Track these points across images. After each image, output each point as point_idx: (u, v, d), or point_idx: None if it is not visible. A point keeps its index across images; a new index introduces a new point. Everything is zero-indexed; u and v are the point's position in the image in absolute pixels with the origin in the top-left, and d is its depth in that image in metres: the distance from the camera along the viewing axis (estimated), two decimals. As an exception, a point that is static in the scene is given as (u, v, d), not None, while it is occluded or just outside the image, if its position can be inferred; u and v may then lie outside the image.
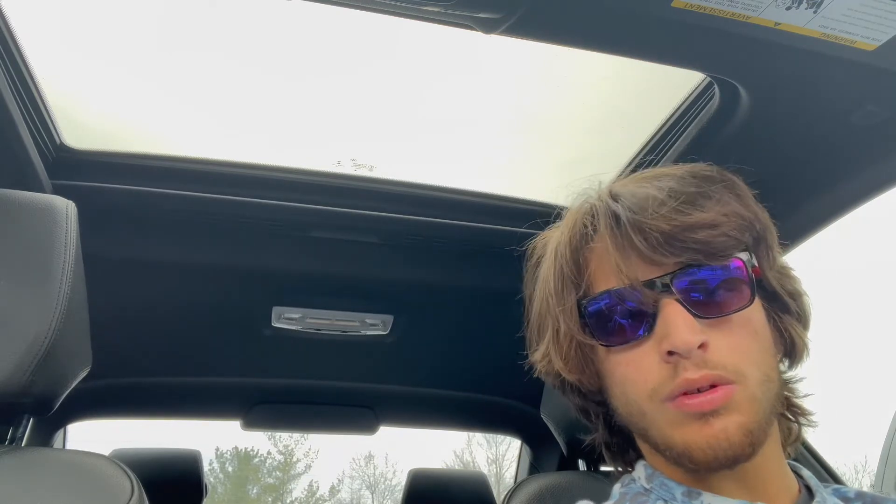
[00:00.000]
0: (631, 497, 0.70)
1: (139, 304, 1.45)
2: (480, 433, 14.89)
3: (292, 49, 1.20)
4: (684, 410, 0.61)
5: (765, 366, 0.63)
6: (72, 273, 0.80)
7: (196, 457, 1.80)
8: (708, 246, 0.62)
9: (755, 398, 0.61)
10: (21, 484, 0.71)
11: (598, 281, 0.67)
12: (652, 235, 0.62)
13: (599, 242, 0.67)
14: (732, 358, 0.62)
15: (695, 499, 0.66)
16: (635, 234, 0.63)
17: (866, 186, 1.03)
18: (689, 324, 0.61)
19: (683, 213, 0.63)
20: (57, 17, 1.11)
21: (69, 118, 1.19)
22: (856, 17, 0.72)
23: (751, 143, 0.97)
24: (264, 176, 1.29)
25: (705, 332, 0.61)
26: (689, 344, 0.60)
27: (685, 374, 0.60)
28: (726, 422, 0.60)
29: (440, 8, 0.73)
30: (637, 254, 0.63)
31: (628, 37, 0.79)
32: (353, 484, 22.83)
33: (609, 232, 0.65)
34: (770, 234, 0.68)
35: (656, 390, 0.62)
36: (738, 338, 0.63)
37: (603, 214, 0.66)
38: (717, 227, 0.63)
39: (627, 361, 0.65)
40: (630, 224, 0.64)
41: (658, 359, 0.62)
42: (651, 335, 0.63)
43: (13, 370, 0.74)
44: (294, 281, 1.44)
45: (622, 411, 0.68)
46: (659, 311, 0.63)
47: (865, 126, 0.91)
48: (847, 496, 0.71)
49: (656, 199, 0.64)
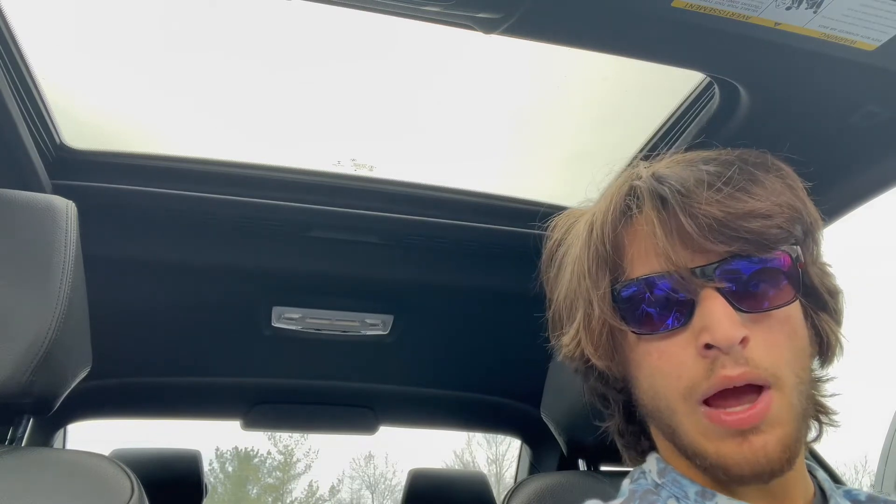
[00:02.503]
0: (640, 495, 0.68)
1: (139, 304, 1.45)
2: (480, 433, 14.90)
3: (292, 49, 1.20)
4: (721, 427, 0.58)
5: (798, 367, 0.61)
6: (72, 273, 0.80)
7: (196, 457, 1.80)
8: (761, 237, 0.59)
9: (791, 406, 0.59)
10: (21, 484, 0.71)
11: (637, 264, 0.64)
12: (703, 220, 0.59)
13: (642, 224, 0.63)
14: (770, 357, 0.59)
15: (709, 499, 0.63)
16: (685, 217, 0.59)
17: (866, 186, 1.03)
18: (731, 317, 0.58)
19: (737, 200, 0.59)
20: (57, 17, 1.11)
21: (69, 118, 1.19)
22: (856, 17, 0.72)
23: (751, 143, 0.96)
24: (264, 176, 1.29)
25: (747, 327, 0.58)
26: (731, 339, 0.57)
27: (723, 371, 0.57)
28: (766, 438, 0.57)
29: (440, 8, 0.73)
30: (684, 239, 0.60)
31: (628, 37, 0.79)
32: (353, 484, 22.86)
33: (656, 213, 0.61)
34: (817, 229, 0.66)
35: (691, 389, 0.59)
36: (777, 336, 0.60)
37: (648, 195, 0.63)
38: (772, 218, 0.59)
39: (660, 352, 0.62)
40: (679, 207, 0.60)
41: (694, 353, 0.59)
42: (688, 326, 0.60)
43: (13, 370, 0.74)
44: (294, 281, 1.44)
45: (649, 405, 0.65)
46: (699, 302, 0.59)
47: (865, 126, 0.91)
48: (858, 499, 0.70)
49: (704, 182, 0.61)
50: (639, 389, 0.66)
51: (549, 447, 1.85)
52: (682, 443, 0.62)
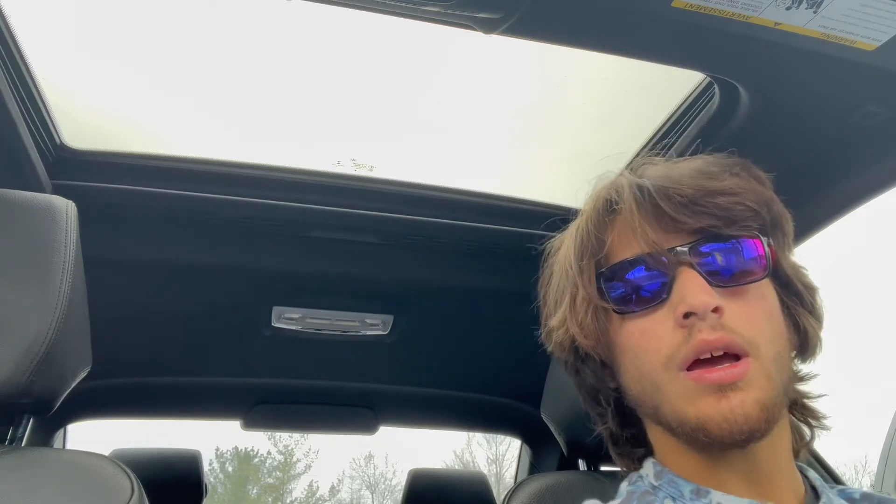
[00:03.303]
0: (638, 496, 0.70)
1: (139, 304, 1.45)
2: (480, 433, 14.90)
3: (292, 49, 1.20)
4: (701, 383, 0.60)
5: (778, 344, 0.63)
6: (72, 273, 0.80)
7: (196, 457, 1.80)
8: (728, 212, 0.64)
9: (770, 375, 0.61)
10: (21, 484, 0.71)
11: (618, 249, 0.68)
12: (676, 198, 0.64)
13: (623, 213, 0.68)
14: (747, 327, 0.62)
15: (703, 497, 0.65)
16: (661, 198, 0.65)
17: (866, 186, 1.03)
18: (703, 287, 0.62)
19: (706, 179, 0.65)
20: (57, 17, 1.11)
21: (69, 118, 1.19)
22: (856, 17, 0.72)
23: (751, 142, 0.97)
24: (264, 176, 1.29)
25: (721, 300, 0.62)
26: (705, 304, 0.60)
27: (700, 335, 0.61)
28: (743, 396, 0.59)
29: (440, 8, 0.73)
30: (659, 219, 0.65)
31: (628, 37, 0.79)
32: (353, 484, 22.85)
33: (633, 199, 0.66)
34: (786, 222, 0.70)
35: (671, 357, 0.62)
36: (752, 310, 0.63)
37: (628, 186, 0.68)
38: (737, 195, 0.64)
39: (641, 331, 0.65)
40: (656, 190, 0.65)
41: (672, 325, 0.62)
42: (666, 302, 0.64)
43: (13, 370, 0.74)
44: (294, 281, 1.44)
45: (635, 388, 0.68)
46: (675, 278, 0.63)
47: (865, 126, 0.91)
48: (853, 497, 0.71)
49: (681, 173, 0.67)
50: (625, 375, 0.69)
51: (549, 447, 1.85)
52: (665, 415, 0.64)
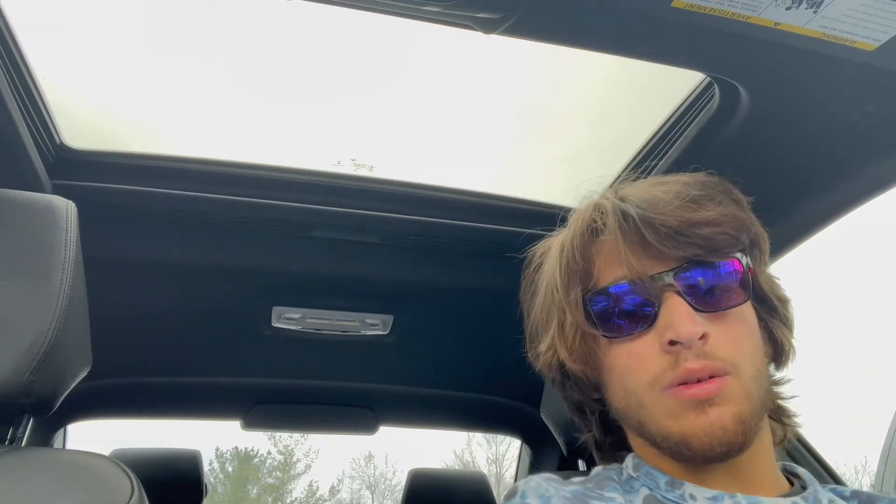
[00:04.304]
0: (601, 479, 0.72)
1: (139, 304, 1.45)
2: (480, 433, 14.90)
3: (292, 49, 1.20)
4: (682, 399, 0.63)
5: (757, 361, 0.67)
6: (72, 273, 0.80)
7: (196, 457, 1.80)
8: (711, 242, 0.66)
9: (748, 391, 0.64)
10: (21, 484, 0.71)
11: (604, 275, 0.70)
12: (661, 229, 0.66)
13: (608, 237, 0.70)
14: (729, 351, 0.64)
15: (677, 488, 0.68)
16: (645, 228, 0.66)
17: (866, 186, 1.03)
18: (691, 315, 0.64)
19: (690, 211, 0.67)
20: (57, 17, 1.11)
21: (69, 118, 1.19)
22: (856, 17, 0.72)
23: (751, 142, 0.97)
24: (264, 176, 1.29)
25: (705, 325, 0.64)
26: (692, 334, 0.63)
27: (686, 364, 0.63)
28: (721, 411, 0.62)
29: (440, 8, 0.73)
30: (645, 248, 0.67)
31: (628, 37, 0.79)
32: (353, 484, 22.85)
33: (618, 227, 0.68)
34: (763, 241, 0.72)
35: (657, 379, 0.65)
36: (734, 332, 0.66)
37: (612, 211, 0.69)
38: (720, 226, 0.66)
39: (629, 353, 0.68)
40: (640, 219, 0.67)
41: (658, 350, 0.65)
42: (653, 327, 0.66)
43: (13, 370, 0.74)
44: (294, 281, 1.44)
45: (620, 405, 0.70)
46: (662, 305, 0.66)
47: (865, 126, 0.91)
48: (843, 495, 0.73)
49: (663, 199, 0.68)
50: (611, 392, 0.72)
51: (548, 447, 1.85)
52: (650, 431, 0.67)
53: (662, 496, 0.68)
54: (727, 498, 0.65)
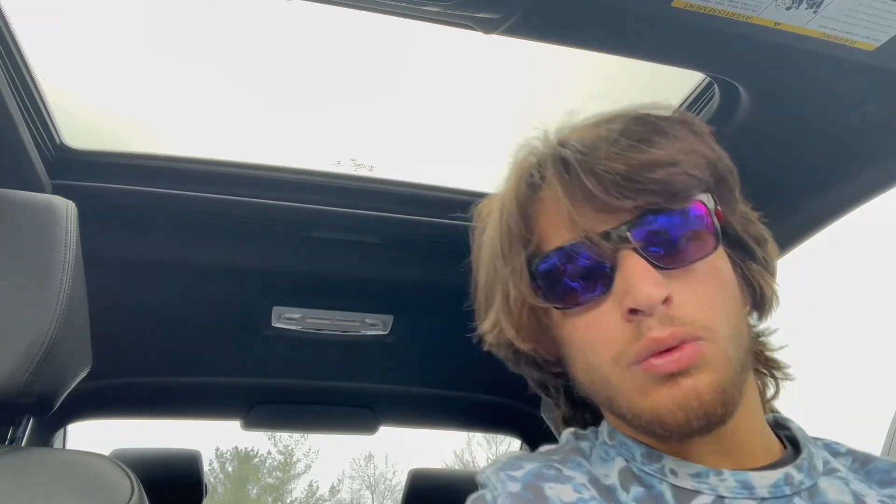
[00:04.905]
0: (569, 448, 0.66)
1: (139, 304, 1.45)
2: (480, 433, 14.90)
3: (292, 49, 1.20)
4: (652, 373, 0.55)
5: (734, 318, 0.58)
6: (72, 273, 0.80)
7: (196, 457, 1.80)
8: (668, 186, 0.56)
9: (726, 355, 0.56)
10: (21, 484, 0.71)
11: (549, 236, 0.61)
12: (606, 177, 0.56)
13: (548, 191, 0.61)
14: (700, 312, 0.56)
15: (655, 461, 0.61)
16: (587, 176, 0.57)
17: (866, 186, 1.03)
18: (651, 277, 0.55)
19: (639, 151, 0.57)
20: (57, 17, 1.11)
21: (69, 118, 1.19)
22: (856, 17, 0.72)
23: (751, 142, 0.97)
24: (264, 176, 1.29)
25: (669, 286, 0.56)
26: (652, 299, 0.55)
27: (650, 333, 0.55)
28: (696, 381, 0.55)
29: (440, 8, 0.73)
30: (590, 201, 0.57)
31: (628, 37, 0.79)
32: (353, 484, 22.86)
33: (558, 178, 0.59)
34: (732, 176, 0.63)
35: (621, 354, 0.57)
36: (704, 289, 0.58)
37: (551, 161, 0.61)
38: (677, 165, 0.57)
39: (587, 324, 0.59)
40: (581, 167, 0.58)
41: (620, 318, 0.57)
42: (610, 292, 0.58)
43: (13, 370, 0.74)
44: (294, 281, 1.44)
45: (584, 380, 0.63)
46: (618, 265, 0.57)
47: (865, 126, 0.91)
48: (838, 451, 0.67)
49: (608, 139, 0.59)
50: (574, 367, 0.64)
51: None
52: (621, 409, 0.59)
53: (639, 468, 0.61)
54: (713, 475, 0.58)
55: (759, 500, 0.57)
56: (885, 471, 0.64)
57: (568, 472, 0.61)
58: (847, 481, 0.62)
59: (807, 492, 0.59)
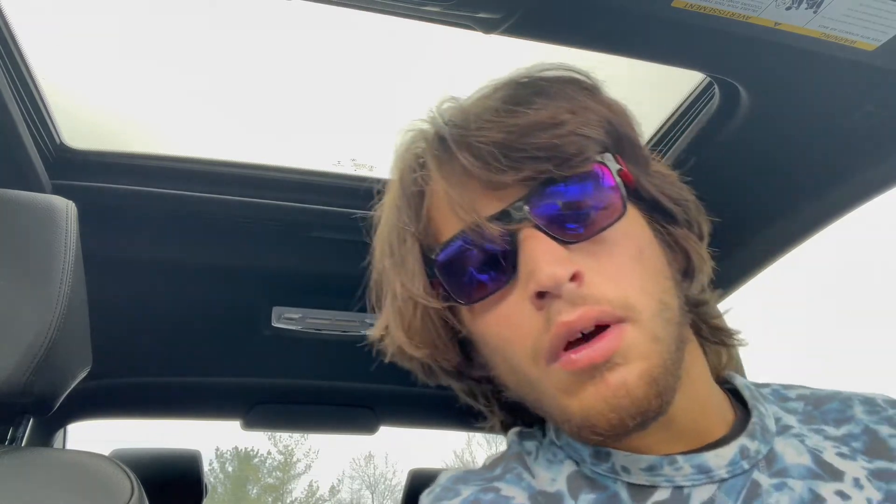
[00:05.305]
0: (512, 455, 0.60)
1: (139, 304, 1.45)
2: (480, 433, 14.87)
3: (292, 49, 1.20)
4: (573, 370, 0.49)
5: (658, 291, 0.52)
6: (72, 273, 0.80)
7: (196, 457, 1.80)
8: (555, 150, 0.50)
9: (655, 336, 0.50)
10: (21, 484, 0.71)
11: (441, 227, 0.55)
12: (482, 149, 0.50)
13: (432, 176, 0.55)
14: (615, 286, 0.50)
15: (604, 461, 0.55)
16: (461, 152, 0.51)
17: (866, 186, 1.03)
18: (552, 253, 0.49)
19: (517, 116, 0.51)
20: (57, 17, 1.11)
21: (69, 118, 1.19)
22: (856, 17, 0.72)
23: (751, 142, 0.97)
24: (264, 176, 1.29)
25: (577, 261, 0.50)
26: (556, 278, 0.48)
27: (559, 318, 0.49)
28: (624, 373, 0.48)
29: (440, 8, 0.73)
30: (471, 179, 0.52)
31: (628, 37, 0.79)
32: (353, 484, 22.86)
33: (434, 160, 0.54)
34: (633, 131, 0.58)
35: (535, 349, 0.51)
36: (618, 259, 0.51)
37: (430, 140, 0.55)
38: (562, 126, 0.51)
39: (497, 319, 0.53)
40: (454, 142, 0.52)
41: (530, 307, 0.50)
42: (516, 279, 0.51)
43: (13, 370, 0.74)
44: (294, 281, 1.44)
45: (510, 382, 0.57)
46: (519, 245, 0.51)
47: (865, 126, 0.91)
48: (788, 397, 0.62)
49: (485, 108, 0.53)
50: (496, 369, 0.58)
51: (549, 447, 1.85)
52: (550, 412, 0.54)
53: (591, 470, 0.56)
54: (666, 465, 0.53)
55: (719, 483, 0.53)
56: (839, 410, 0.60)
57: (507, 490, 0.55)
58: (802, 437, 0.57)
59: (764, 460, 0.54)
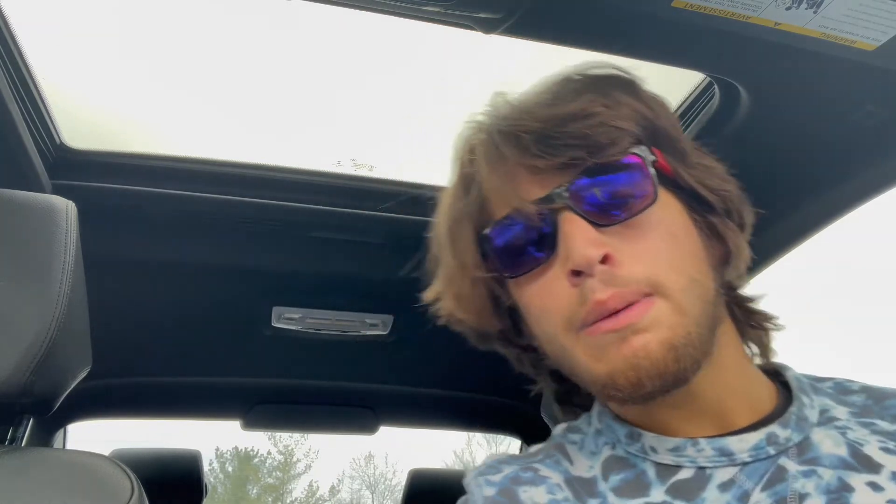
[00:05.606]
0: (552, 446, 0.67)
1: (139, 304, 1.45)
2: (480, 433, 14.90)
3: (292, 49, 1.20)
4: (601, 334, 0.54)
5: (689, 270, 0.56)
6: (72, 273, 0.80)
7: (196, 457, 1.80)
8: (589, 139, 0.56)
9: (682, 308, 0.54)
10: (21, 484, 0.71)
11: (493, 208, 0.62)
12: (524, 138, 0.56)
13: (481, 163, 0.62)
14: (645, 268, 0.55)
15: (636, 440, 0.61)
16: (504, 141, 0.58)
17: (866, 186, 1.03)
18: (587, 235, 0.55)
19: (554, 107, 0.57)
20: (57, 17, 1.11)
21: (69, 118, 1.19)
22: (856, 17, 0.72)
23: (751, 143, 0.97)
24: (264, 176, 1.29)
25: (608, 244, 0.55)
26: (588, 259, 0.54)
27: (593, 296, 0.54)
28: (647, 337, 0.53)
29: (440, 8, 0.73)
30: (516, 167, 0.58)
31: (628, 37, 0.79)
32: (353, 484, 22.87)
33: (483, 149, 0.60)
34: (675, 129, 0.62)
35: (570, 319, 0.56)
36: (650, 243, 0.56)
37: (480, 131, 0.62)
38: (595, 117, 0.56)
39: (538, 291, 0.59)
40: (500, 133, 0.58)
41: (567, 283, 0.56)
42: (555, 256, 0.57)
43: (13, 370, 0.74)
44: (294, 281, 1.44)
45: (548, 350, 0.63)
46: (559, 227, 0.57)
47: (865, 126, 0.91)
48: (850, 389, 0.64)
49: (531, 102, 0.59)
50: (537, 339, 0.64)
51: (549, 447, 1.85)
52: (581, 376, 0.59)
53: (625, 450, 0.61)
54: (689, 446, 0.57)
55: (741, 466, 0.56)
56: None
57: (545, 471, 0.62)
58: (845, 430, 0.59)
59: (795, 448, 0.57)
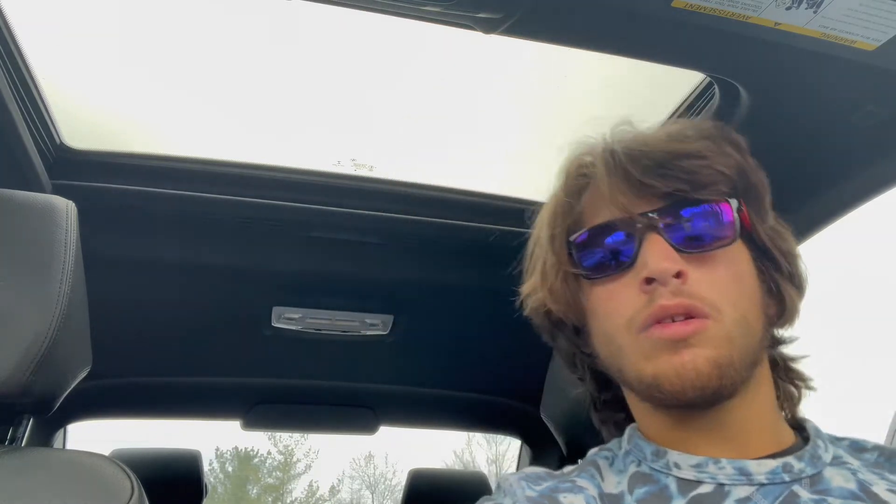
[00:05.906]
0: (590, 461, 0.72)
1: (139, 304, 1.45)
2: (480, 433, 14.91)
3: (292, 48, 1.20)
4: (656, 339, 0.61)
5: (744, 308, 0.63)
6: (72, 273, 0.80)
7: (196, 457, 1.80)
8: (695, 177, 0.64)
9: (730, 336, 0.61)
10: (21, 484, 0.71)
11: (589, 215, 0.69)
12: (644, 163, 0.64)
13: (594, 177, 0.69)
14: (710, 292, 0.62)
15: (661, 457, 0.66)
16: (629, 163, 0.65)
17: (866, 186, 1.03)
18: (667, 253, 0.62)
19: (676, 144, 0.65)
20: (57, 17, 1.11)
21: (69, 118, 1.19)
22: (856, 17, 0.72)
23: (751, 142, 0.97)
24: (264, 176, 1.29)
25: (684, 265, 0.62)
26: (665, 270, 0.61)
27: (660, 300, 0.61)
28: (696, 352, 0.60)
29: (440, 8, 0.73)
30: (629, 184, 0.65)
31: (628, 37, 0.79)
32: (353, 484, 22.85)
33: (604, 164, 0.67)
34: (763, 190, 0.70)
35: (632, 320, 0.63)
36: (719, 275, 0.63)
37: (601, 150, 0.69)
38: (705, 159, 0.64)
39: (608, 295, 0.66)
40: (625, 155, 0.66)
41: (637, 290, 0.63)
42: (632, 267, 0.64)
43: (13, 370, 0.74)
44: (294, 281, 1.45)
45: (602, 351, 0.69)
46: (642, 243, 0.64)
47: (865, 126, 0.91)
48: (864, 447, 0.69)
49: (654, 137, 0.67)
50: (595, 339, 0.70)
51: (549, 447, 1.85)
52: (628, 375, 0.65)
53: (650, 467, 0.66)
54: (711, 464, 0.63)
55: (758, 486, 0.61)
56: None
57: (582, 482, 0.67)
58: (855, 471, 0.63)
59: (808, 479, 0.62)
